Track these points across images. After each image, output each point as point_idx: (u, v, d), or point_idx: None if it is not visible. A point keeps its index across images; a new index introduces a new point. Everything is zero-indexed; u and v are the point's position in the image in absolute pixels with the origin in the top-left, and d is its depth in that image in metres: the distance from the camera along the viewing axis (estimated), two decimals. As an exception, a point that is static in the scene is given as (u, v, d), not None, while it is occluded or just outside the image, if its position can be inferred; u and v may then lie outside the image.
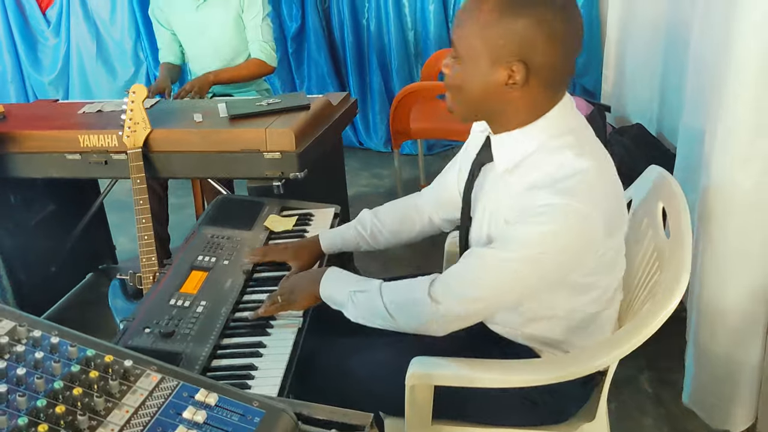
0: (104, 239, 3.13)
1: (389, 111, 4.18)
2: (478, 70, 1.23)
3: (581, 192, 1.19)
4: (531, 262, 1.24)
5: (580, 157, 1.21)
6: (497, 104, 1.26)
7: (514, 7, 1.18)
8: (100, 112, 2.47)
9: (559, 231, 1.21)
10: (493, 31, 1.19)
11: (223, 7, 2.89)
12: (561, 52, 1.21)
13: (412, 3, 4.04)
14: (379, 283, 1.41)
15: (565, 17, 1.20)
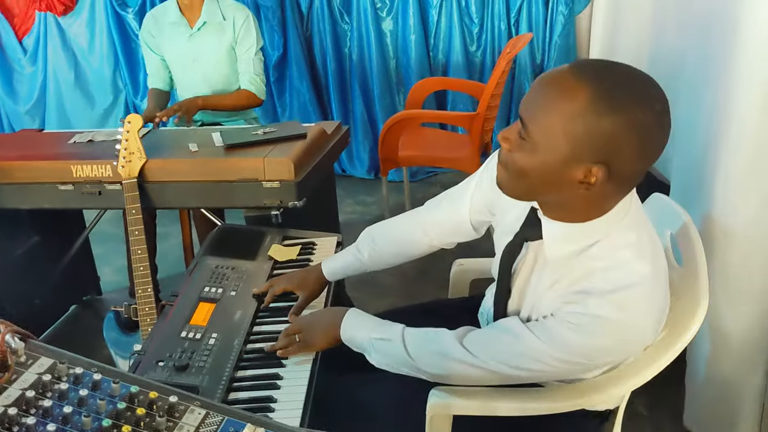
0: (89, 270, 3.07)
1: (372, 138, 4.24)
2: (551, 162, 1.10)
3: (636, 305, 1.13)
4: (572, 363, 1.21)
5: (641, 260, 1.15)
6: (560, 197, 1.16)
7: (610, 104, 1.04)
8: (92, 142, 2.45)
9: (607, 344, 1.18)
10: (581, 126, 1.05)
11: (216, 37, 2.90)
12: (646, 159, 1.10)
13: (393, 32, 4.10)
14: (401, 331, 1.38)
15: (660, 123, 1.08)
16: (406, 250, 1.69)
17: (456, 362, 1.30)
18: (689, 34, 2.05)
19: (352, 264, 1.70)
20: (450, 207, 1.62)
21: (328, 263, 1.71)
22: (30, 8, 4.28)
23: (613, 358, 1.25)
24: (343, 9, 4.07)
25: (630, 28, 2.95)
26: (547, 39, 3.99)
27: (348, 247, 1.72)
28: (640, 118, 1.04)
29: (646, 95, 1.07)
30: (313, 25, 4.12)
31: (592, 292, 1.14)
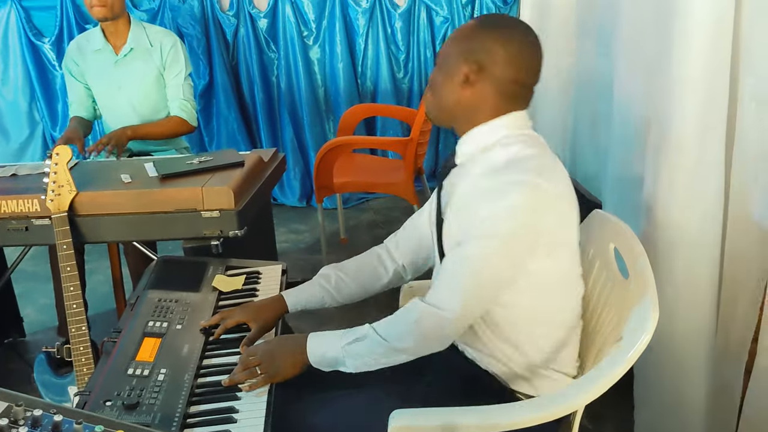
0: (11, 311, 2.91)
1: (303, 166, 4.22)
2: (447, 69, 1.42)
3: (532, 168, 1.35)
4: (498, 235, 1.34)
5: (531, 147, 1.39)
6: (462, 105, 1.42)
7: (488, 24, 1.43)
8: (15, 176, 2.34)
9: (515, 201, 1.33)
10: (466, 39, 1.41)
11: (143, 63, 2.83)
12: (517, 70, 1.38)
13: (321, 60, 4.11)
14: (368, 326, 1.42)
15: (528, 44, 1.40)
16: (373, 277, 1.72)
17: (427, 319, 1.37)
18: (616, 56, 2.14)
19: (317, 294, 1.70)
20: (410, 224, 1.73)
21: (291, 294, 1.69)
22: (-64, 38, 4.08)
23: (521, 222, 1.34)
24: (269, 37, 4.07)
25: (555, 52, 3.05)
26: (472, 65, 4.08)
27: (311, 279, 1.73)
28: (511, 34, 1.39)
29: (516, 23, 1.44)
30: (240, 54, 4.09)
31: (494, 169, 1.37)
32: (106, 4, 2.69)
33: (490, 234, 1.34)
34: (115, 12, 2.74)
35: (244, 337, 1.60)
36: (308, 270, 3.38)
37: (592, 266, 1.62)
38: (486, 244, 1.35)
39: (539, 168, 1.36)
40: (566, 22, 2.94)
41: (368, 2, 3.99)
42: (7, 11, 3.99)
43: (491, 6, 3.99)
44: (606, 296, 1.53)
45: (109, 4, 2.70)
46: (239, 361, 1.48)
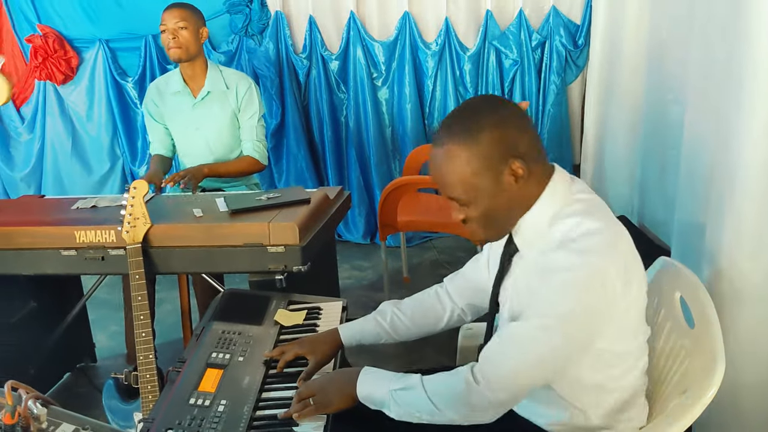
0: (85, 337, 3.03)
1: (368, 204, 4.27)
2: (490, 194, 1.33)
3: (596, 249, 1.27)
4: (559, 322, 1.28)
5: (591, 218, 1.31)
6: (522, 202, 1.36)
7: (472, 131, 1.31)
8: (95, 208, 2.45)
9: (579, 288, 1.27)
10: (474, 159, 1.31)
11: (219, 106, 2.95)
12: (526, 129, 1.34)
13: (389, 101, 4.18)
14: (419, 378, 1.40)
15: (508, 106, 1.36)
16: (430, 316, 1.72)
17: (473, 400, 1.32)
18: (686, 104, 2.11)
19: (372, 330, 1.72)
20: (470, 266, 1.72)
21: (347, 328, 1.72)
22: (29, 78, 4.34)
23: (585, 301, 1.27)
24: (340, 79, 4.16)
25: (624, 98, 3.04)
26: (540, 108, 4.08)
27: (367, 315, 1.75)
28: (494, 117, 1.32)
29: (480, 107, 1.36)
30: (311, 94, 4.19)
31: (554, 248, 1.29)
32: (182, 46, 2.83)
33: (549, 317, 1.28)
34: (190, 53, 2.87)
35: (303, 370, 1.62)
36: (370, 307, 3.37)
37: (656, 314, 1.58)
38: (544, 327, 1.29)
39: (603, 246, 1.28)
40: (636, 69, 2.92)
41: (438, 45, 4.05)
42: (96, 52, 4.22)
43: (561, 50, 3.98)
44: (671, 346, 1.49)
45: (184, 46, 2.84)
46: (295, 394, 1.50)
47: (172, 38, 2.81)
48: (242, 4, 4.01)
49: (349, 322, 1.74)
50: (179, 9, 2.84)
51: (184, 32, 2.82)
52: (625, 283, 1.30)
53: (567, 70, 4.03)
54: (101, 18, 4.14)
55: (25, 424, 0.86)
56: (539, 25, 4.01)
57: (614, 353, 1.36)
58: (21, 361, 2.61)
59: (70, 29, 4.19)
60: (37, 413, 0.89)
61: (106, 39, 4.18)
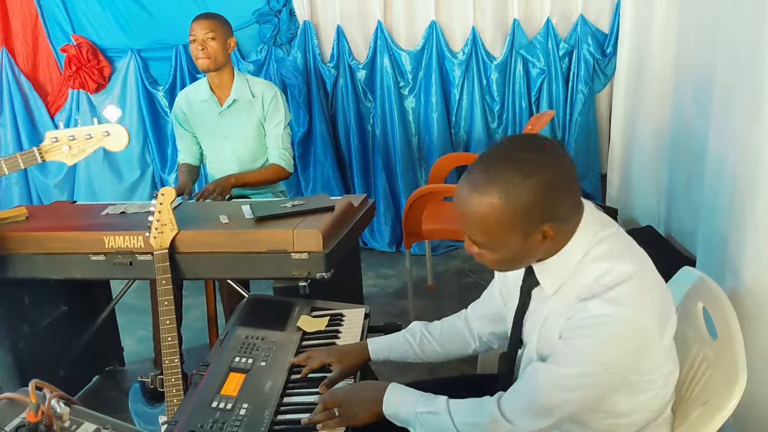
0: (113, 341, 3.08)
1: (393, 212, 4.29)
2: (513, 246, 1.30)
3: (631, 298, 1.24)
4: (592, 375, 1.26)
5: (622, 261, 1.28)
6: (540, 253, 1.34)
7: (516, 190, 1.24)
8: (124, 214, 2.50)
9: (615, 341, 1.24)
10: (510, 218, 1.25)
11: (246, 114, 2.99)
12: (570, 192, 1.30)
13: (416, 110, 4.20)
14: (445, 403, 1.40)
15: (556, 167, 1.27)
16: (458, 341, 1.73)
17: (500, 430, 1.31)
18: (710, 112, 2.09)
19: (401, 348, 1.73)
20: (486, 295, 1.72)
21: (375, 342, 1.74)
22: (63, 86, 4.44)
23: (620, 353, 1.26)
24: (366, 87, 4.19)
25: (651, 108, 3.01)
26: (568, 117, 4.07)
27: (398, 331, 1.77)
28: (541, 176, 1.24)
29: (532, 164, 1.25)
30: (338, 103, 4.23)
31: (587, 298, 1.26)
32: (210, 56, 2.88)
33: (583, 367, 1.26)
34: (218, 63, 2.91)
35: (325, 377, 1.64)
36: (394, 314, 3.42)
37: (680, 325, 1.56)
38: (582, 376, 1.27)
39: (638, 293, 1.25)
40: (663, 78, 2.90)
41: (464, 54, 4.06)
42: (128, 61, 4.30)
43: (589, 59, 3.97)
44: (693, 356, 1.48)
45: (212, 57, 2.89)
46: (319, 400, 1.52)
47: (201, 49, 2.86)
48: (271, 14, 4.06)
49: (379, 337, 1.76)
50: (208, 20, 2.89)
51: (213, 43, 2.87)
52: (662, 326, 1.30)
53: (595, 79, 4.01)
54: (133, 28, 4.23)
55: (48, 422, 0.88)
56: (567, 34, 4.00)
57: (647, 380, 1.35)
58: (51, 363, 2.66)
59: (103, 39, 4.28)
60: (60, 412, 0.92)
61: (137, 48, 4.26)
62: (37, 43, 4.42)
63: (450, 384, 1.80)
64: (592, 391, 1.29)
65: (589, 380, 1.27)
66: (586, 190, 4.12)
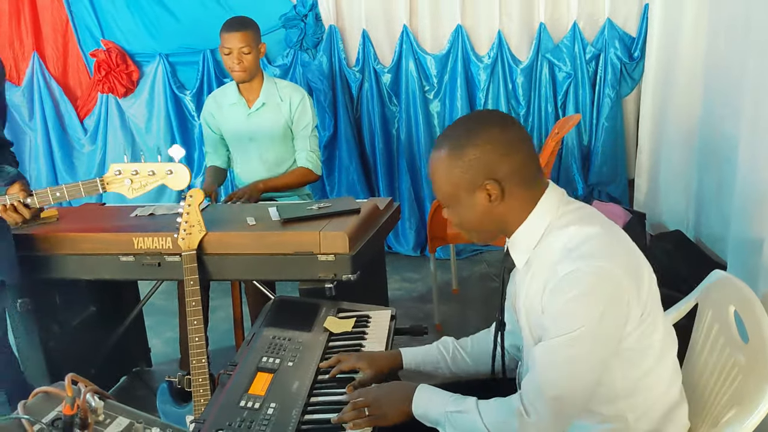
0: (141, 342, 3.11)
1: (418, 217, 4.29)
2: (464, 206, 1.41)
3: (595, 252, 1.30)
4: (582, 337, 1.29)
5: (586, 225, 1.35)
6: (496, 219, 1.41)
7: (461, 145, 1.38)
8: (153, 215, 2.53)
9: (589, 293, 1.28)
10: (454, 172, 1.39)
11: (273, 117, 3.01)
12: (517, 157, 1.38)
13: (441, 114, 4.20)
14: (475, 403, 1.41)
15: (503, 131, 1.39)
16: (485, 355, 1.72)
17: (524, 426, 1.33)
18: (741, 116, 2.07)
19: (433, 358, 1.74)
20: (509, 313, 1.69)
21: (408, 351, 1.74)
22: (93, 91, 4.50)
23: (598, 303, 1.28)
24: (392, 91, 4.20)
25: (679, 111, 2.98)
26: (594, 121, 4.04)
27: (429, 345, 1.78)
28: (486, 138, 1.37)
29: (474, 124, 1.42)
30: (363, 107, 4.24)
31: (556, 261, 1.32)
32: (246, 69, 2.92)
33: (574, 330, 1.29)
34: (251, 74, 2.95)
35: (352, 379, 1.64)
36: (419, 318, 3.42)
37: (710, 329, 1.55)
38: (573, 342, 1.29)
39: (604, 247, 1.31)
40: (692, 82, 2.87)
41: (490, 58, 4.05)
42: (156, 66, 4.36)
43: (616, 63, 3.93)
44: (724, 360, 1.46)
45: (248, 69, 2.92)
46: (349, 399, 1.52)
47: (237, 63, 2.89)
48: (297, 18, 4.09)
49: (412, 348, 1.76)
50: (242, 33, 2.88)
51: (248, 56, 2.89)
52: (635, 277, 1.32)
53: (622, 83, 3.98)
54: (161, 33, 4.29)
55: (83, 415, 0.89)
56: (594, 38, 3.98)
57: (637, 350, 1.37)
58: (80, 363, 2.69)
59: (132, 44, 4.34)
60: (95, 406, 0.93)
61: (166, 53, 4.32)
62: (67, 48, 4.50)
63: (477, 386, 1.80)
64: (590, 355, 1.30)
65: (582, 341, 1.29)
66: (613, 195, 4.09)
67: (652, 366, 1.39)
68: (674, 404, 1.43)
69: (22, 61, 4.50)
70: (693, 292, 1.65)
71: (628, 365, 1.37)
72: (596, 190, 4.15)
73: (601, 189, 4.13)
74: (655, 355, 1.39)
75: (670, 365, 1.43)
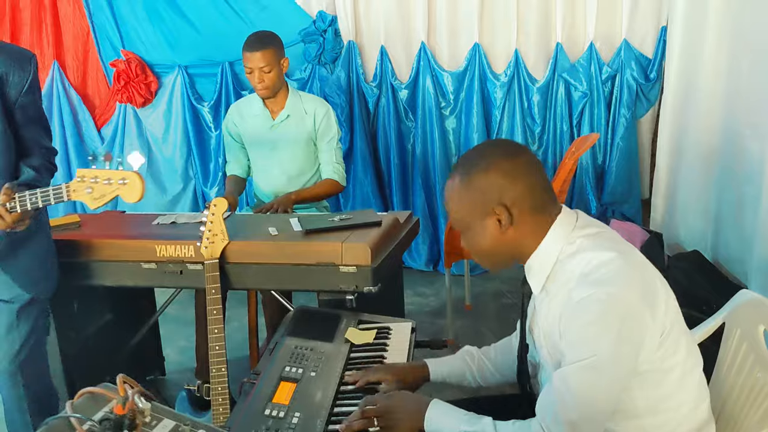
0: (155, 350, 3.12)
1: (432, 232, 4.29)
2: (476, 232, 1.44)
3: (609, 278, 1.31)
4: (597, 363, 1.29)
5: (601, 250, 1.35)
6: (508, 246, 1.43)
7: (470, 172, 1.43)
8: (175, 224, 2.54)
9: (601, 319, 1.29)
10: (465, 198, 1.43)
11: (297, 129, 3.03)
12: (526, 183, 1.41)
13: (456, 131, 4.21)
14: (492, 424, 1.40)
15: (511, 157, 1.43)
16: (509, 365, 1.71)
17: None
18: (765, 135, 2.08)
19: (459, 369, 1.74)
20: None
21: (434, 363, 1.75)
22: (111, 100, 4.53)
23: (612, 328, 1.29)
24: (408, 107, 4.22)
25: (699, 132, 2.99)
26: (609, 141, 4.05)
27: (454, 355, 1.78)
28: (492, 163, 1.41)
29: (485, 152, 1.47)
30: (379, 122, 4.26)
31: (572, 288, 1.33)
32: (268, 87, 2.93)
33: (590, 356, 1.30)
34: (274, 90, 2.97)
35: (376, 390, 1.64)
36: (433, 333, 3.41)
37: (738, 349, 1.55)
38: (590, 367, 1.30)
39: (618, 273, 1.31)
40: (713, 103, 2.88)
41: (507, 76, 4.07)
42: (174, 77, 4.39)
43: (632, 83, 3.95)
44: (753, 380, 1.46)
45: (270, 87, 2.94)
46: (359, 406, 1.52)
47: (258, 81, 2.91)
48: (317, 33, 4.13)
49: (438, 359, 1.77)
50: (261, 52, 2.88)
51: (269, 75, 2.91)
52: (650, 302, 1.33)
53: (638, 104, 3.99)
54: (181, 45, 4.32)
55: (132, 416, 0.90)
56: (610, 58, 3.99)
57: (659, 371, 1.37)
58: (95, 370, 2.68)
59: (152, 55, 4.37)
60: (142, 407, 0.94)
61: (185, 65, 4.35)
62: (87, 58, 4.53)
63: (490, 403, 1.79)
64: (606, 381, 1.31)
65: (598, 370, 1.29)
66: (626, 214, 4.09)
67: (675, 386, 1.39)
68: (702, 423, 1.43)
69: (42, 69, 4.53)
70: (719, 312, 1.65)
71: (650, 386, 1.37)
72: (610, 209, 4.15)
73: (614, 208, 4.13)
74: (678, 375, 1.39)
75: (696, 385, 1.43)
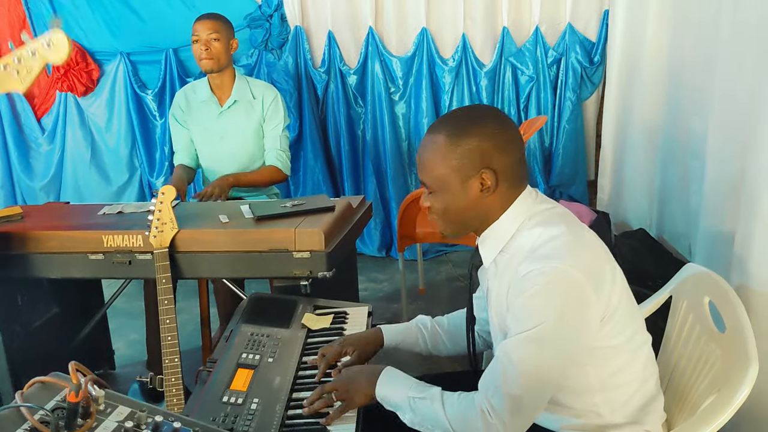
0: (104, 344, 3.05)
1: (384, 217, 4.30)
2: (453, 192, 1.41)
3: (554, 253, 1.32)
4: (540, 331, 1.30)
5: (550, 226, 1.37)
6: (480, 211, 1.42)
7: (462, 132, 1.40)
8: (122, 213, 2.48)
9: (544, 292, 1.30)
10: (452, 156, 1.39)
11: (245, 115, 2.99)
12: (512, 154, 1.41)
13: (406, 116, 4.22)
14: (440, 392, 1.41)
15: (504, 127, 1.42)
16: (461, 337, 1.73)
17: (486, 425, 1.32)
18: (709, 110, 2.13)
19: (413, 336, 1.75)
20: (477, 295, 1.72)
21: (388, 330, 1.75)
22: (51, 89, 4.40)
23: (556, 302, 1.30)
24: (357, 93, 4.21)
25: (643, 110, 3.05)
26: (556, 124, 4.12)
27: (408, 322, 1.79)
28: (488, 127, 1.39)
29: (476, 116, 1.43)
30: (329, 108, 4.24)
31: (519, 261, 1.35)
32: (213, 57, 2.88)
33: (528, 330, 1.30)
34: (221, 64, 2.91)
35: (337, 365, 1.65)
36: (387, 317, 3.42)
37: (684, 321, 1.60)
38: (531, 340, 1.30)
39: (562, 249, 1.33)
40: (656, 81, 2.94)
41: (455, 60, 4.09)
42: (117, 64, 4.28)
43: (577, 67, 4.02)
44: (700, 350, 1.50)
45: (216, 57, 2.89)
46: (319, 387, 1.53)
47: (204, 49, 2.86)
48: (262, 18, 4.07)
49: (393, 325, 1.77)
50: (212, 20, 2.89)
51: (217, 44, 2.86)
52: (594, 279, 1.33)
53: (582, 87, 4.06)
54: (123, 31, 4.21)
55: (86, 404, 0.88)
56: (555, 42, 4.05)
57: (607, 348, 1.39)
58: (43, 365, 2.60)
59: (92, 42, 4.25)
60: (96, 395, 0.91)
61: (127, 52, 4.24)
62: (23, 45, 4.37)
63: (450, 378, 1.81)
64: (549, 353, 1.31)
65: (541, 342, 1.30)
66: (573, 196, 4.17)
67: (625, 362, 1.41)
68: (651, 398, 1.46)
69: (-24, 58, 4.36)
70: (666, 286, 1.69)
71: (599, 362, 1.39)
72: (557, 191, 4.22)
73: (562, 190, 4.21)
74: (628, 351, 1.41)
75: (645, 360, 1.45)
